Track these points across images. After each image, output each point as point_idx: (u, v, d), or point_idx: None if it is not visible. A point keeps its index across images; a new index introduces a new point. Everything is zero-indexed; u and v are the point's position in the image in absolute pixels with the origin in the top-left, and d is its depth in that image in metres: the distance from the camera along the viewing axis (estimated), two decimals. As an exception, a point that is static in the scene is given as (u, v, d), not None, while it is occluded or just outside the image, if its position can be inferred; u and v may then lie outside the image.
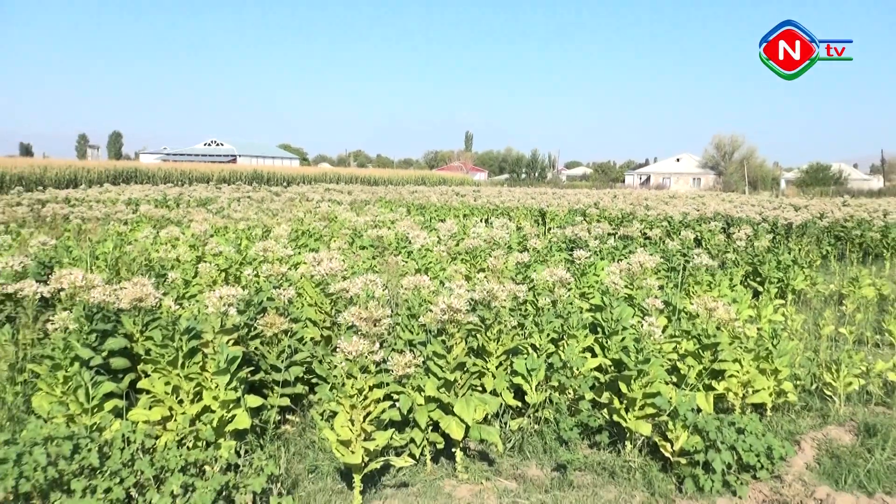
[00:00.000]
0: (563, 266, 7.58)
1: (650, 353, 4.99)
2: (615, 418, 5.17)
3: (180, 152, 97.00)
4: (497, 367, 5.28)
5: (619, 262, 7.49)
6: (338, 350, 4.20)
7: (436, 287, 6.21)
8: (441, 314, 4.72)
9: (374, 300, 5.33)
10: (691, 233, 12.50)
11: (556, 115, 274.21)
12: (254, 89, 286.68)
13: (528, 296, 6.03)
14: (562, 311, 5.94)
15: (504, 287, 5.31)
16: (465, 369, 4.83)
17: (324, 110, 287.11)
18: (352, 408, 4.22)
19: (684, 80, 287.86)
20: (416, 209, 23.38)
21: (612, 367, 5.51)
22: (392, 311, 4.82)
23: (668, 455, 4.91)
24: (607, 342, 5.70)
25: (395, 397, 4.79)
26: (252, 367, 5.32)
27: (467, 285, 5.55)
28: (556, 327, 5.80)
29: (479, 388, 5.15)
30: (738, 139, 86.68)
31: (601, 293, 6.36)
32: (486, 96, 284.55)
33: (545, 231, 17.07)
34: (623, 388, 5.04)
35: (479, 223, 15.94)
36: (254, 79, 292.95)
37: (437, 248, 10.46)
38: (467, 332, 5.00)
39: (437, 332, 4.93)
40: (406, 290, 5.94)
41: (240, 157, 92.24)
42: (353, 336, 4.29)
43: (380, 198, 27.12)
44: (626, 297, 6.90)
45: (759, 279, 10.76)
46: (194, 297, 6.83)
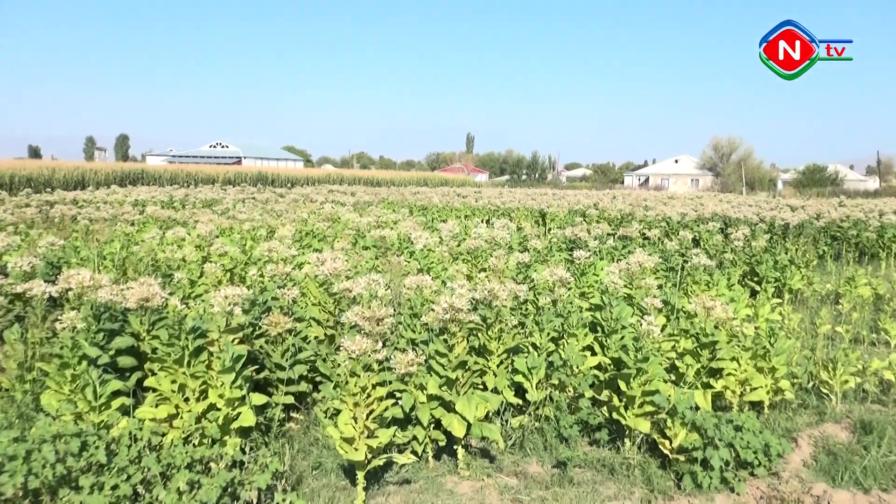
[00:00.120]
0: (563, 266, 7.57)
1: (649, 352, 4.99)
2: (615, 416, 5.17)
3: (186, 154, 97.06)
4: (498, 366, 5.28)
5: (619, 262, 7.48)
6: (341, 349, 4.20)
7: (438, 287, 6.21)
8: (443, 313, 4.72)
9: (376, 300, 5.34)
10: (689, 233, 12.47)
11: (556, 117, 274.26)
12: (258, 92, 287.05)
13: (528, 295, 6.02)
14: (562, 311, 5.94)
15: (505, 287, 5.31)
16: (467, 368, 4.82)
17: (327, 113, 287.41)
18: (355, 405, 4.22)
19: (682, 82, 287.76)
20: (419, 210, 23.38)
21: (612, 366, 5.50)
22: (395, 311, 4.81)
23: (666, 452, 4.90)
24: (607, 341, 5.70)
25: (398, 395, 4.79)
26: (257, 366, 5.33)
27: (469, 285, 5.55)
28: (556, 326, 5.79)
29: (481, 387, 5.15)
30: (735, 141, 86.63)
31: (601, 293, 6.36)
32: (487, 99, 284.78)
33: (545, 231, 17.05)
34: (622, 386, 5.04)
35: (480, 224, 15.94)
36: (258, 82, 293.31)
37: (438, 248, 10.47)
38: (469, 331, 5.00)
39: (439, 331, 4.92)
40: (408, 289, 5.94)
41: (245, 158, 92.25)
42: (356, 335, 4.29)
43: (382, 199, 27.12)
44: (626, 296, 6.90)
45: (756, 279, 10.75)
46: (200, 297, 6.83)
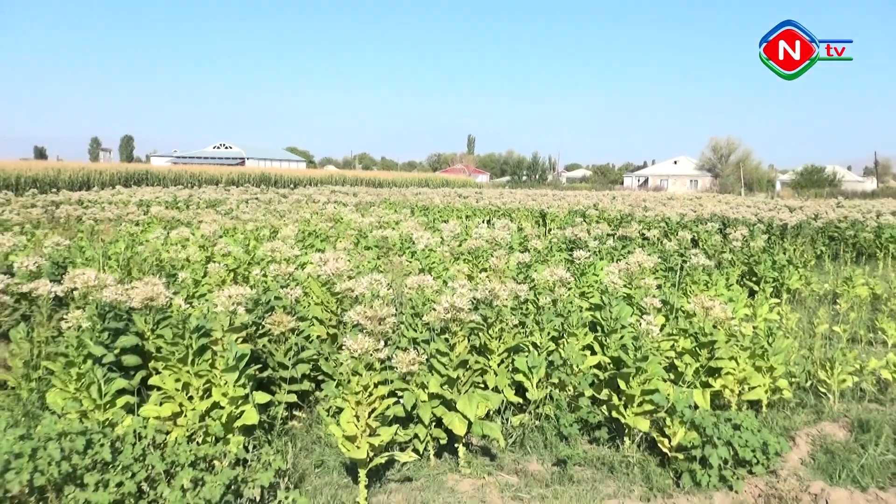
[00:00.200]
0: (563, 266, 7.57)
1: (648, 351, 4.99)
2: (614, 414, 5.16)
3: (190, 155, 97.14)
4: (499, 365, 5.28)
5: (618, 262, 7.48)
6: (344, 348, 4.20)
7: (439, 286, 6.21)
8: (444, 313, 4.72)
9: (378, 299, 5.34)
10: (688, 233, 12.46)
11: (556, 118, 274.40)
12: (262, 94, 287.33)
13: (529, 295, 6.02)
14: (562, 310, 5.94)
15: (505, 286, 5.31)
16: (468, 367, 4.82)
17: (330, 114, 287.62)
18: (357, 404, 4.22)
19: (681, 84, 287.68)
20: (420, 210, 23.38)
21: (611, 365, 5.50)
22: (396, 310, 4.81)
23: (665, 450, 4.90)
24: (606, 340, 5.69)
25: (400, 394, 4.79)
26: (260, 365, 5.33)
27: (470, 285, 5.55)
28: (556, 326, 5.79)
29: (482, 385, 5.15)
30: (734, 142, 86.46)
31: (600, 292, 6.35)
32: (488, 101, 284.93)
33: (546, 232, 17.04)
34: (622, 385, 5.03)
35: (481, 224, 15.95)
36: (262, 83, 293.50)
37: (440, 248, 10.47)
38: (470, 331, 5.00)
39: (440, 330, 4.92)
40: (410, 289, 5.94)
41: (248, 159, 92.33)
42: (358, 334, 4.29)
43: (384, 199, 27.12)
44: (625, 296, 6.90)
45: (754, 279, 10.74)
46: (204, 297, 6.84)
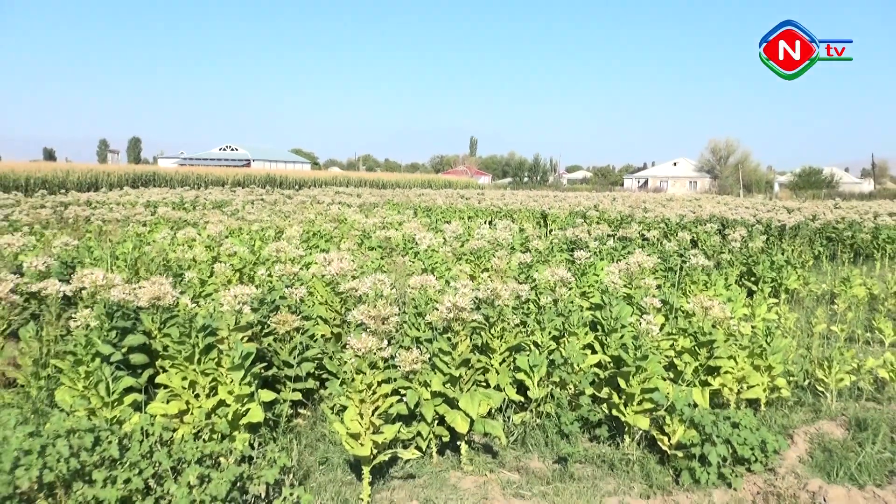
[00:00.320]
0: (564, 266, 7.56)
1: (648, 350, 4.98)
2: (614, 413, 5.16)
3: (196, 157, 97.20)
4: (500, 364, 5.27)
5: (619, 262, 7.47)
6: (348, 347, 4.20)
7: (441, 286, 6.20)
8: (447, 312, 4.72)
9: (382, 299, 5.33)
10: (688, 234, 12.44)
11: (557, 120, 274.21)
12: (267, 96, 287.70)
13: (530, 295, 6.02)
14: (563, 310, 5.94)
15: (507, 286, 5.30)
16: (470, 365, 4.82)
17: (334, 116, 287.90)
18: (361, 402, 4.22)
19: (681, 85, 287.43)
20: (423, 211, 23.38)
21: (612, 364, 5.50)
22: (399, 310, 4.82)
23: (665, 448, 4.90)
24: (607, 339, 5.69)
25: (403, 392, 4.79)
26: (265, 363, 5.34)
27: (472, 285, 5.55)
28: (557, 325, 5.79)
29: (484, 384, 5.15)
30: (733, 144, 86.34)
31: (601, 292, 6.35)
32: (490, 103, 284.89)
33: (547, 232, 17.03)
34: (622, 383, 5.03)
35: (483, 225, 15.95)
36: (267, 86, 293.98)
37: (442, 248, 10.46)
38: (472, 330, 5.00)
39: (442, 329, 4.92)
40: (413, 289, 5.94)
41: (253, 161, 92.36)
42: (362, 333, 4.29)
43: (388, 200, 27.12)
44: (625, 296, 6.89)
45: (753, 279, 10.73)
46: (210, 296, 6.85)
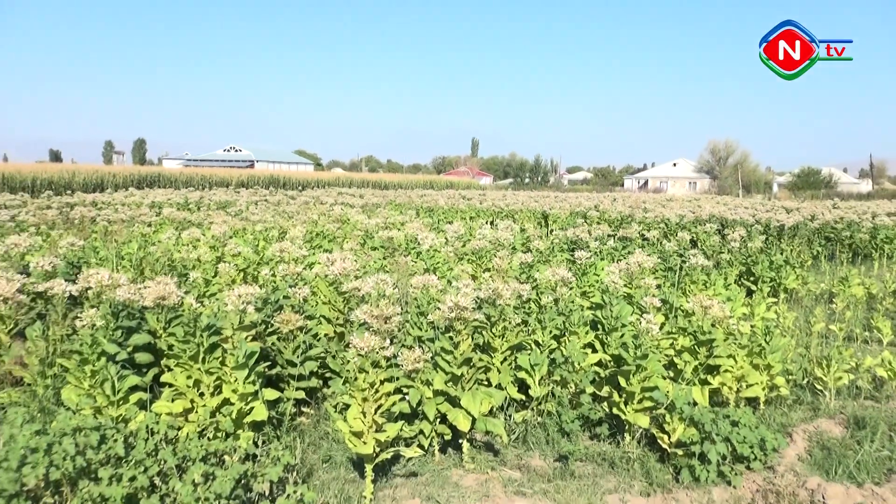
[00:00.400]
0: (564, 266, 7.55)
1: (648, 349, 4.98)
2: (615, 411, 5.16)
3: (201, 158, 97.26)
4: (502, 363, 5.27)
5: (619, 262, 7.47)
6: (350, 346, 4.20)
7: (443, 286, 6.20)
8: (448, 312, 4.72)
9: (384, 298, 5.33)
10: (687, 234, 12.43)
11: (558, 121, 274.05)
12: (271, 98, 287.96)
13: (531, 294, 6.02)
14: (563, 309, 5.93)
15: (508, 286, 5.30)
16: (472, 364, 4.82)
17: (337, 117, 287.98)
18: (364, 401, 4.22)
19: (680, 86, 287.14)
20: (425, 212, 23.36)
21: (612, 363, 5.49)
22: (402, 309, 4.82)
23: (665, 446, 4.89)
24: (607, 339, 5.68)
25: (405, 391, 4.79)
26: (269, 362, 5.34)
27: (473, 284, 5.55)
28: (558, 324, 5.79)
29: (485, 383, 5.15)
30: (732, 144, 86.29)
31: (601, 292, 6.34)
32: (492, 104, 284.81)
33: (548, 233, 17.02)
34: (622, 382, 5.03)
35: (484, 225, 15.94)
36: (271, 88, 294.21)
37: (444, 248, 10.47)
38: (473, 329, 5.00)
39: (444, 328, 4.92)
40: (415, 288, 5.94)
41: (257, 162, 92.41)
42: (365, 332, 4.29)
43: (390, 201, 27.11)
44: (626, 295, 6.89)
45: (752, 278, 10.71)
46: (214, 296, 6.85)
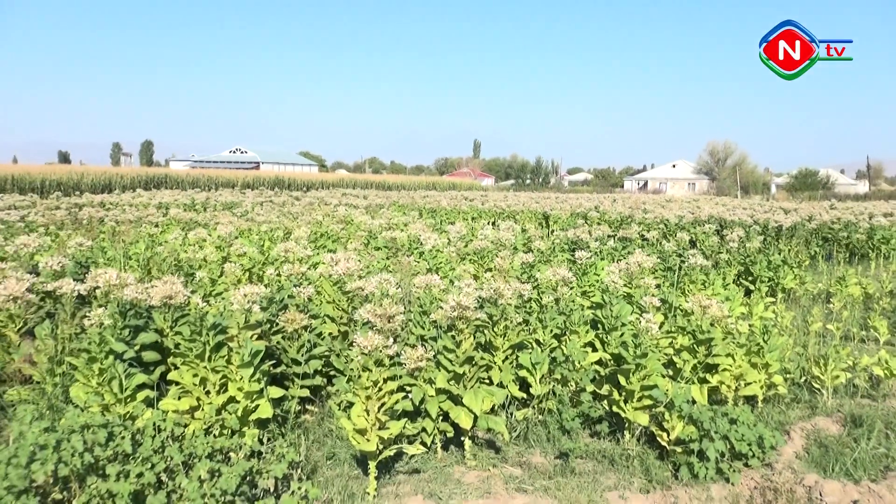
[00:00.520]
0: (565, 266, 7.55)
1: (647, 348, 4.97)
2: (615, 409, 5.15)
3: (207, 159, 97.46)
4: (503, 361, 5.27)
5: (619, 262, 7.47)
6: (354, 344, 4.21)
7: (446, 286, 6.21)
8: (451, 311, 4.72)
9: (388, 298, 5.34)
10: (686, 235, 12.41)
11: (559, 123, 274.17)
12: (276, 100, 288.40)
13: (532, 294, 6.02)
14: (564, 309, 5.93)
15: (510, 286, 5.30)
16: (474, 363, 4.82)
17: (341, 120, 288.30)
18: (367, 399, 4.22)
19: (680, 90, 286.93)
20: (428, 213, 23.36)
21: (612, 361, 5.49)
22: (405, 309, 4.82)
23: (664, 444, 4.89)
24: (607, 338, 5.68)
25: (408, 389, 4.79)
26: (274, 361, 5.34)
27: (475, 284, 5.55)
28: (558, 324, 5.78)
29: (487, 381, 5.15)
30: (730, 146, 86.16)
31: (601, 291, 6.34)
32: (493, 106, 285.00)
33: (548, 233, 17.01)
34: (622, 380, 5.02)
35: (486, 226, 15.94)
36: (276, 90, 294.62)
37: (447, 249, 10.47)
38: (475, 328, 5.00)
39: (447, 327, 4.92)
40: (418, 288, 5.94)
41: (263, 163, 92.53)
42: (368, 331, 4.30)
43: (393, 202, 27.11)
44: (625, 295, 6.88)
45: (750, 278, 10.70)
46: (220, 295, 6.86)
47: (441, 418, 4.84)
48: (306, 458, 4.71)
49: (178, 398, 4.71)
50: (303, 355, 5.35)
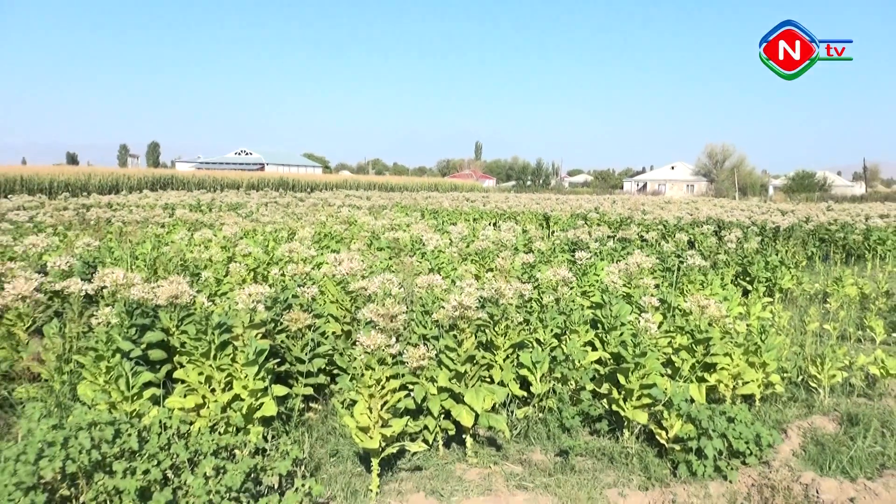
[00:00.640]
0: (565, 266, 7.54)
1: (646, 348, 4.97)
2: (614, 408, 5.15)
3: (213, 161, 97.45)
4: (504, 360, 5.26)
5: (618, 262, 7.46)
6: (357, 343, 4.21)
7: (448, 286, 6.20)
8: (452, 311, 4.72)
9: (390, 298, 5.34)
10: (685, 235, 12.40)
11: (559, 125, 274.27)
12: (280, 102, 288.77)
13: (533, 294, 6.01)
14: (564, 309, 5.93)
15: (511, 286, 5.30)
16: (475, 362, 4.82)
17: (344, 121, 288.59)
18: (370, 397, 4.22)
19: (678, 93, 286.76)
20: (430, 214, 23.36)
21: (611, 360, 5.48)
22: (407, 308, 4.81)
23: (663, 442, 4.88)
24: (607, 337, 5.68)
25: (410, 387, 4.79)
26: (278, 359, 5.35)
27: (477, 284, 5.54)
28: (559, 323, 5.78)
29: (488, 379, 5.14)
30: (728, 148, 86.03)
31: (601, 291, 6.33)
32: (495, 108, 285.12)
33: (549, 234, 17.01)
34: (621, 379, 5.02)
35: (487, 226, 15.94)
36: (281, 93, 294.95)
37: (448, 249, 10.46)
38: (477, 328, 4.99)
39: (448, 327, 4.92)
40: (420, 288, 5.94)
41: (267, 165, 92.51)
42: (371, 331, 4.30)
43: (396, 203, 27.11)
44: (625, 295, 6.88)
45: (748, 279, 10.68)
46: (225, 295, 6.86)
47: (443, 416, 4.84)
48: (310, 455, 4.71)
49: (184, 396, 4.72)
50: (306, 354, 5.36)
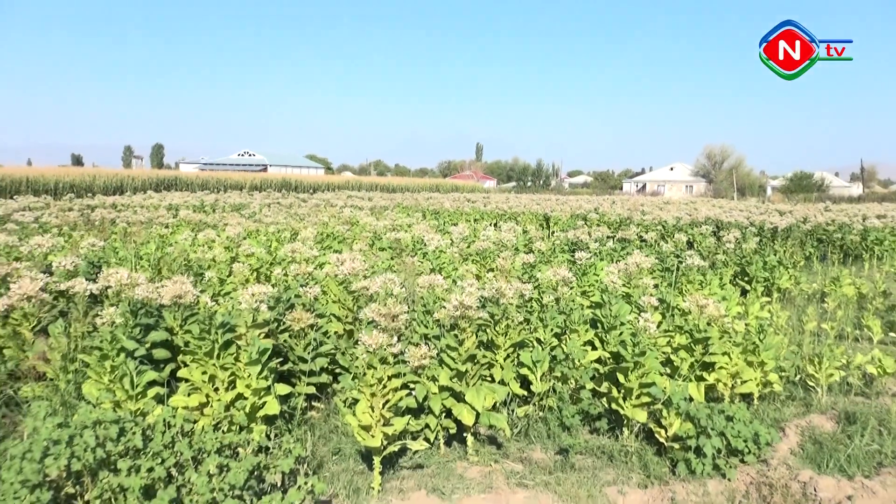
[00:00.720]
0: (565, 266, 7.53)
1: (646, 347, 4.97)
2: (613, 406, 5.14)
3: (216, 162, 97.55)
4: (505, 359, 5.26)
5: (618, 262, 7.45)
6: (359, 343, 4.21)
7: (449, 285, 6.20)
8: (454, 310, 4.72)
9: (392, 297, 5.34)
10: (684, 236, 12.39)
11: (559, 127, 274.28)
12: (283, 104, 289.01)
13: (533, 294, 6.01)
14: (564, 308, 5.92)
15: (511, 286, 5.30)
16: (476, 361, 4.82)
17: (346, 123, 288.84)
18: (372, 396, 4.22)
19: (678, 94, 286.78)
20: (431, 214, 23.34)
21: (611, 360, 5.48)
22: (409, 308, 4.81)
23: (662, 440, 4.88)
24: (606, 336, 5.67)
25: (412, 386, 4.79)
26: (281, 358, 5.35)
27: (478, 284, 5.54)
28: (559, 323, 5.78)
29: (489, 378, 5.14)
30: (727, 149, 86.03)
31: (601, 291, 6.33)
32: (496, 110, 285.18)
33: (549, 234, 17.00)
34: (621, 378, 5.02)
35: (488, 227, 15.91)
36: (283, 95, 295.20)
37: (450, 249, 10.46)
38: (477, 327, 4.99)
39: (450, 326, 4.92)
40: (422, 288, 5.94)
41: (270, 166, 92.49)
42: (373, 330, 4.30)
43: (398, 204, 27.11)
44: (624, 295, 6.87)
45: (746, 279, 10.67)
46: (229, 295, 6.87)
47: (444, 415, 4.84)
48: (312, 453, 4.71)
49: (188, 395, 4.72)
50: (309, 353, 5.36)
